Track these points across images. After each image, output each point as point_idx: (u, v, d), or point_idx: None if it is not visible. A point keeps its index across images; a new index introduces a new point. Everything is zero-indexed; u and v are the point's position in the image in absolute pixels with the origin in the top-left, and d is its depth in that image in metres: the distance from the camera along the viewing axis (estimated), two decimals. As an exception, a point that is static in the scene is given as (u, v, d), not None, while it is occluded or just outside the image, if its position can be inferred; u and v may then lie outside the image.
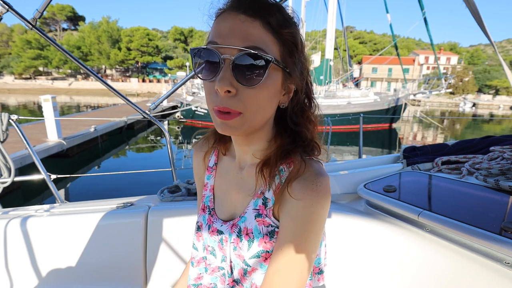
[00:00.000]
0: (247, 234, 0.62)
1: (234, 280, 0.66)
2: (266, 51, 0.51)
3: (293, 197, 0.55)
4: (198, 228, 0.73)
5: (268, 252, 0.60)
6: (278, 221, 0.60)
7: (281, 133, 0.63)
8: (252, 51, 0.49)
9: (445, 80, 17.30)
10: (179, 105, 16.98)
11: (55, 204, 1.51)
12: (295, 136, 0.63)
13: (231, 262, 0.65)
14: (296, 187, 0.56)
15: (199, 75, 0.55)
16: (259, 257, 0.61)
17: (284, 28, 0.53)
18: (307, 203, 0.54)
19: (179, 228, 1.34)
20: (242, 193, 0.66)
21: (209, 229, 0.70)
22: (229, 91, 0.51)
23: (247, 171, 0.66)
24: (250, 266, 0.62)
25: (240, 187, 0.67)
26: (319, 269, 0.69)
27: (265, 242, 0.60)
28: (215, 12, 0.54)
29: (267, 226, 0.60)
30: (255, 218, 0.62)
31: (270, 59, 0.51)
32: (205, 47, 0.52)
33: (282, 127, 0.64)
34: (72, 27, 65.65)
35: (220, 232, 0.67)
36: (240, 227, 0.63)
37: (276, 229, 0.60)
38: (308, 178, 0.56)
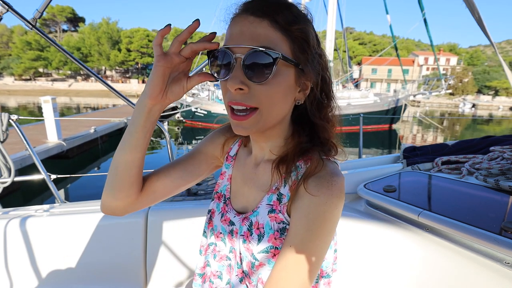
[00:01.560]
0: (257, 228, 0.62)
1: (243, 271, 0.66)
2: (275, 49, 0.52)
3: (308, 192, 0.56)
4: (210, 215, 0.74)
5: (277, 248, 0.60)
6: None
7: (299, 131, 0.64)
8: (259, 48, 0.51)
9: (445, 81, 17.32)
10: (179, 106, 16.99)
11: (55, 204, 1.51)
12: (312, 135, 0.63)
13: (240, 254, 0.65)
14: (311, 184, 0.56)
15: (215, 75, 0.58)
16: (267, 253, 0.61)
17: (293, 24, 0.54)
18: (321, 200, 0.55)
19: (179, 228, 1.34)
20: (256, 188, 0.67)
21: (222, 217, 0.71)
22: (241, 89, 0.53)
23: (263, 166, 0.67)
24: (258, 261, 0.62)
25: (255, 182, 0.68)
26: (326, 273, 0.68)
27: (275, 239, 0.60)
28: (230, 18, 0.58)
29: (279, 223, 0.60)
30: (268, 214, 0.62)
31: (277, 55, 0.52)
32: (218, 49, 0.56)
33: (300, 126, 0.64)
34: (72, 29, 65.77)
35: (232, 223, 0.68)
36: (251, 221, 0.63)
37: (288, 226, 0.60)
38: (323, 177, 0.56)
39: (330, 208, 0.55)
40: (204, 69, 1.42)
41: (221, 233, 0.71)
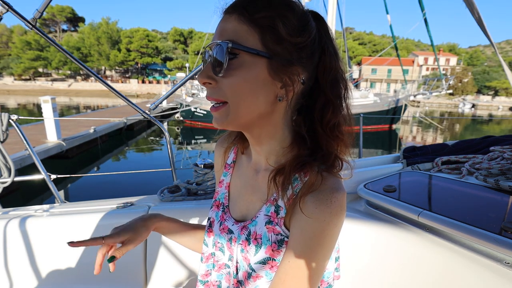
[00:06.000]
0: (255, 238, 0.61)
1: (238, 281, 0.65)
2: (241, 42, 0.52)
3: (304, 213, 0.53)
4: (210, 224, 0.73)
5: (274, 260, 0.59)
6: (289, 231, 0.59)
7: (299, 142, 0.59)
8: (217, 42, 0.53)
9: (446, 81, 17.33)
10: (178, 106, 17.00)
11: (55, 204, 1.51)
12: (315, 147, 0.58)
13: (237, 263, 0.65)
14: (309, 201, 0.54)
15: None
16: (264, 264, 0.60)
17: (257, 13, 0.51)
18: (319, 219, 0.53)
19: (179, 228, 1.34)
20: (255, 197, 0.65)
21: (220, 226, 0.70)
22: (209, 83, 0.55)
23: (262, 175, 0.65)
24: (255, 271, 0.61)
25: (254, 190, 0.66)
26: (327, 283, 0.68)
27: (272, 250, 0.59)
28: None
29: (277, 235, 0.59)
30: (265, 225, 0.60)
31: (226, 45, 0.51)
32: (203, 50, 0.59)
33: (301, 136, 0.59)
34: (72, 28, 65.77)
35: (230, 231, 0.67)
36: (250, 230, 0.62)
37: (286, 239, 0.59)
38: (322, 192, 0.54)
39: (329, 226, 0.53)
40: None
41: (219, 242, 0.70)
